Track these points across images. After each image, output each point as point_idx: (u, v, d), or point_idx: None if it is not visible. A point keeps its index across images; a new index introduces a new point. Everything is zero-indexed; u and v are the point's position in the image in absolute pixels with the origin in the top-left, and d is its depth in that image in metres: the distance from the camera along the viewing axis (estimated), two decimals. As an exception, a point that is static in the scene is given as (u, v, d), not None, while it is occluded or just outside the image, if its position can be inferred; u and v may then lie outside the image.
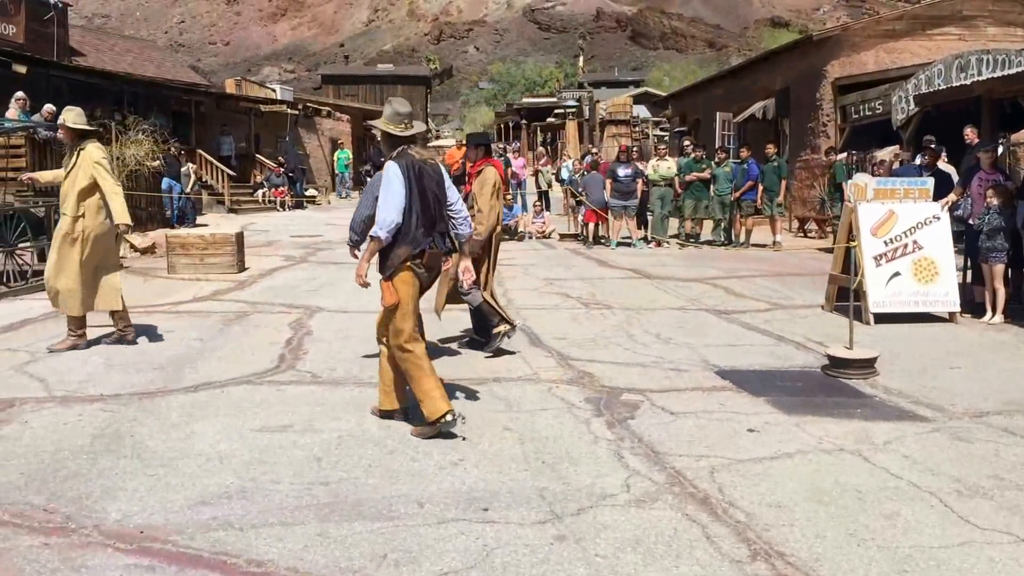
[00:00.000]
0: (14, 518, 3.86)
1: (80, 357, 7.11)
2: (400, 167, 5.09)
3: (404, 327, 5.13)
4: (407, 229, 5.06)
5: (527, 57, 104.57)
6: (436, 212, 5.22)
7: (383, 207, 5.03)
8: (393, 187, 5.03)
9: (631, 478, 4.36)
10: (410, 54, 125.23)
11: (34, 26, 26.87)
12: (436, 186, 5.22)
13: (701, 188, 16.38)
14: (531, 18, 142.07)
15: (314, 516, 3.90)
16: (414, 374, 5.09)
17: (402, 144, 5.24)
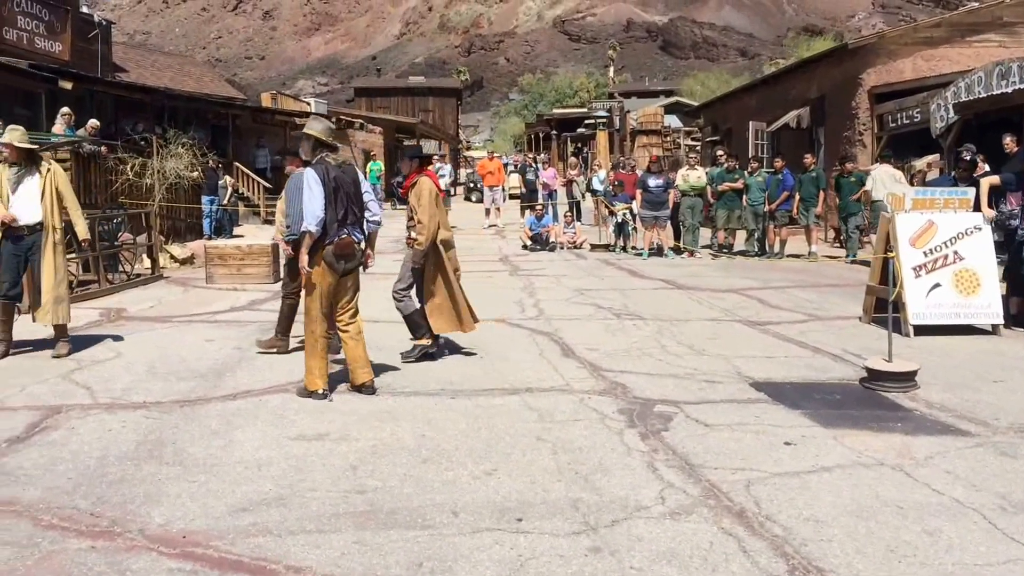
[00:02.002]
0: (62, 521, 3.95)
1: (123, 365, 7.25)
2: (318, 172, 6.09)
3: (311, 308, 6.19)
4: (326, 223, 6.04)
5: (557, 68, 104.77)
6: (347, 208, 6.16)
7: (307, 206, 6.02)
8: (314, 190, 6.02)
9: (665, 490, 4.36)
10: (441, 66, 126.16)
11: (79, 43, 27.39)
12: (350, 186, 6.23)
13: (734, 198, 16.33)
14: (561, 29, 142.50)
15: (351, 524, 3.94)
16: (307, 350, 6.21)
17: (325, 151, 6.25)
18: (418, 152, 7.97)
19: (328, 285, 6.17)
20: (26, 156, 7.61)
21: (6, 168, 7.51)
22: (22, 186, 7.49)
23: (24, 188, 7.50)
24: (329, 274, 6.14)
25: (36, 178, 7.57)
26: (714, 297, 11.04)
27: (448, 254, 7.54)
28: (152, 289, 12.38)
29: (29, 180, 7.53)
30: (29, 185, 7.52)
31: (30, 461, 4.80)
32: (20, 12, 25.12)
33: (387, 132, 38.02)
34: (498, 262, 15.52)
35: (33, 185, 7.53)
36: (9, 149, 7.51)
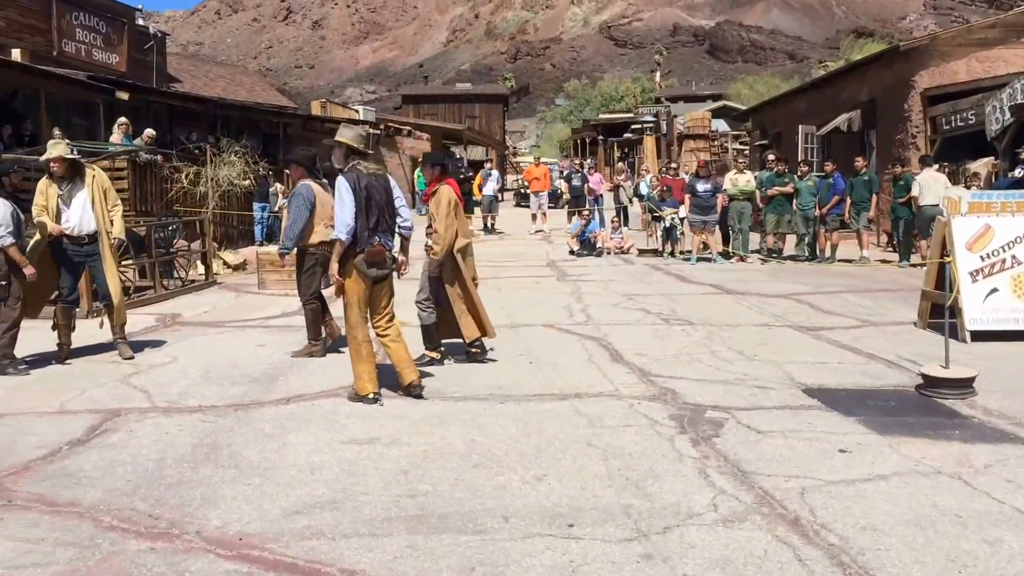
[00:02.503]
0: (122, 523, 4.04)
1: (179, 369, 7.41)
2: (349, 180, 6.12)
3: (349, 315, 6.25)
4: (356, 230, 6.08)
5: (603, 73, 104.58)
6: (379, 216, 6.19)
7: (339, 215, 6.09)
8: (345, 199, 6.06)
9: (718, 497, 4.32)
10: (487, 72, 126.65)
11: (135, 55, 28.03)
12: (381, 194, 6.24)
13: (783, 202, 16.15)
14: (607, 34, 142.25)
15: (403, 528, 3.97)
16: (352, 356, 6.25)
17: (358, 159, 6.28)
18: (440, 160, 7.95)
19: (362, 292, 6.23)
20: (72, 168, 7.78)
21: (53, 185, 7.69)
22: (74, 199, 7.69)
23: (76, 200, 7.69)
24: (362, 281, 6.20)
25: (84, 188, 7.75)
26: (764, 302, 10.92)
27: (466, 262, 7.57)
28: (206, 295, 12.59)
29: (79, 191, 7.72)
30: (80, 196, 7.71)
31: (90, 463, 4.92)
32: (79, 25, 25.76)
33: (434, 139, 38.25)
34: (545, 267, 15.52)
35: (83, 195, 7.72)
36: (59, 163, 7.68)
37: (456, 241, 7.37)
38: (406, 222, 6.52)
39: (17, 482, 4.63)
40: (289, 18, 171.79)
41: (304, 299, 8.15)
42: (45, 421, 5.84)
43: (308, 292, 8.12)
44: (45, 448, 5.21)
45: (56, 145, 7.89)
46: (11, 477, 4.71)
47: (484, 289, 12.43)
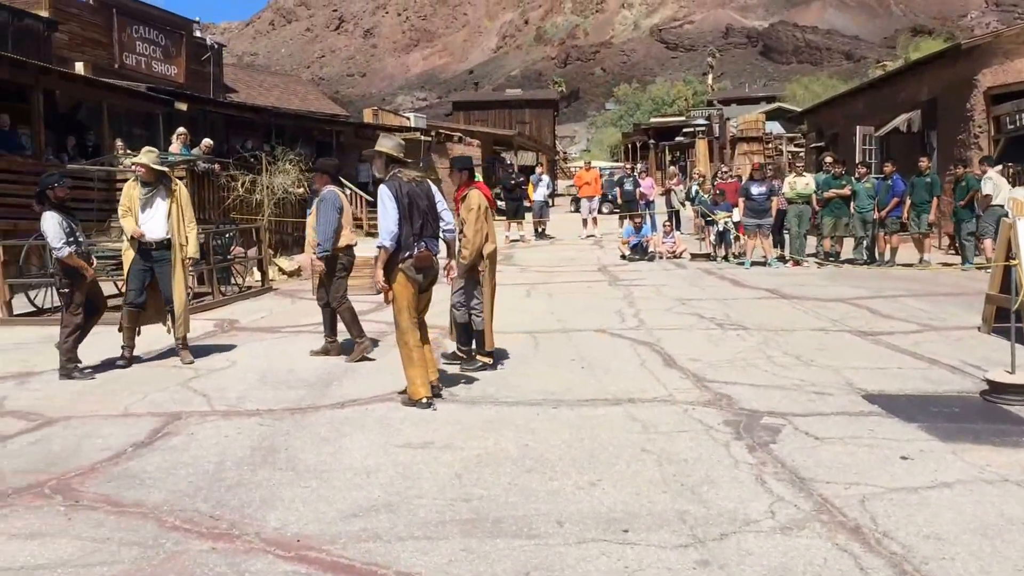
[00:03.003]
0: (184, 523, 4.12)
1: (237, 374, 7.55)
2: (391, 188, 6.22)
3: (400, 321, 6.29)
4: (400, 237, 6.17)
5: (654, 77, 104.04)
6: (423, 222, 6.29)
7: (382, 223, 6.15)
8: (387, 206, 6.15)
9: (775, 504, 4.26)
10: (537, 78, 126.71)
11: (193, 66, 28.67)
12: (423, 200, 6.35)
13: (841, 205, 15.90)
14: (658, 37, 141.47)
15: (457, 531, 3.99)
16: (404, 361, 6.30)
17: (398, 167, 6.39)
18: (467, 164, 8.00)
19: (411, 297, 6.30)
20: (157, 176, 8.02)
21: (138, 186, 7.93)
22: (152, 205, 7.92)
23: (154, 207, 7.93)
24: (410, 286, 6.29)
25: (165, 197, 7.98)
26: (821, 307, 10.76)
27: (491, 268, 7.63)
28: (262, 301, 12.79)
29: (159, 199, 7.96)
30: (159, 204, 7.95)
31: (153, 465, 5.02)
32: (139, 38, 26.39)
33: (485, 145, 38.37)
34: (597, 272, 15.48)
35: (162, 204, 7.97)
36: (144, 169, 7.95)
37: (485, 245, 7.43)
38: (449, 226, 6.64)
39: (84, 483, 4.75)
40: (341, 27, 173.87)
41: (337, 303, 8.31)
42: (109, 424, 5.98)
43: (339, 295, 8.32)
44: (110, 450, 5.34)
45: (147, 153, 8.17)
46: (78, 478, 4.83)
47: (536, 294, 12.50)
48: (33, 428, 5.93)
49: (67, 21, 23.62)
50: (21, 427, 5.96)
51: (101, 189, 14.24)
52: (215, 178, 16.15)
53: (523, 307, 11.34)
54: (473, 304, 7.48)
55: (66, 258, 7.40)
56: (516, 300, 11.98)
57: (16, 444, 5.56)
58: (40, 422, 6.07)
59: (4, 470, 5.02)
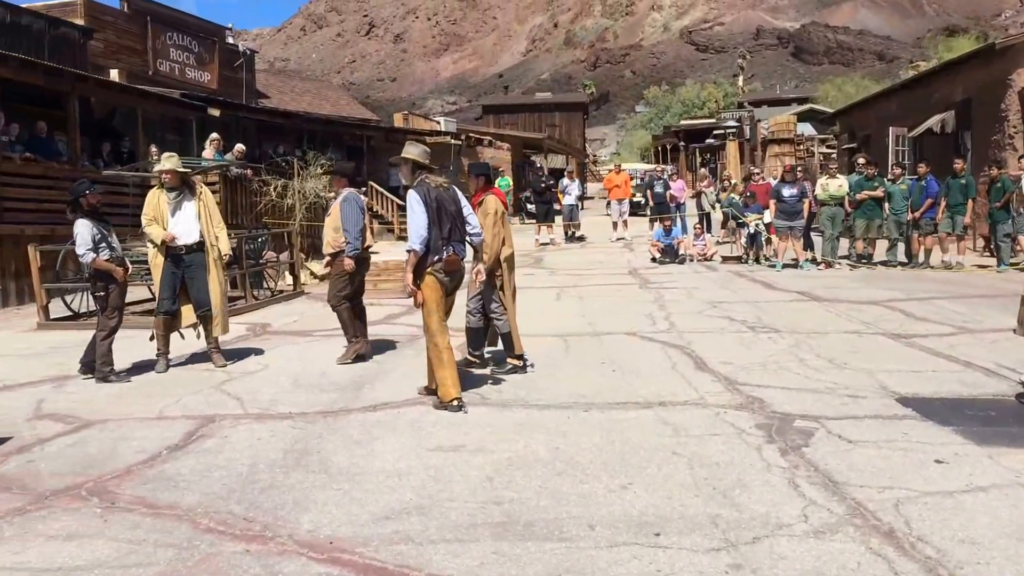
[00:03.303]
0: (218, 525, 4.17)
1: (270, 377, 7.62)
2: (419, 193, 6.34)
3: (430, 323, 6.37)
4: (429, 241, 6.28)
5: (684, 79, 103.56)
6: (451, 226, 6.39)
7: (412, 227, 6.28)
8: (416, 210, 6.27)
9: (808, 508, 4.24)
10: (567, 81, 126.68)
11: (226, 72, 29.00)
12: (451, 205, 6.44)
13: (873, 207, 15.75)
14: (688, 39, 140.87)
15: (488, 534, 4.00)
16: (435, 363, 6.36)
17: (425, 173, 6.49)
18: (484, 169, 8.11)
19: (440, 299, 6.42)
20: (182, 180, 8.13)
21: (165, 192, 8.03)
22: (181, 210, 8.01)
23: (183, 210, 8.02)
24: (439, 289, 6.41)
25: (193, 200, 8.09)
26: (854, 309, 10.66)
27: (509, 275, 7.68)
28: (294, 304, 12.89)
29: (187, 203, 8.05)
30: (187, 207, 8.04)
31: (188, 468, 5.09)
32: (173, 45, 26.73)
33: (515, 148, 38.42)
34: (627, 275, 15.44)
35: (191, 207, 8.05)
36: (170, 175, 8.03)
37: (502, 250, 7.48)
38: (475, 230, 6.72)
39: (120, 485, 4.82)
40: (371, 32, 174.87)
41: (335, 302, 8.39)
42: (144, 427, 6.07)
43: (340, 295, 8.38)
44: (145, 453, 5.41)
45: (169, 159, 8.26)
46: (114, 480, 4.90)
47: (566, 297, 12.49)
48: (70, 431, 6.02)
49: (102, 29, 23.99)
50: (58, 430, 6.06)
51: (136, 195, 14.40)
52: (247, 183, 16.32)
53: (553, 310, 11.35)
54: (493, 308, 7.48)
55: (92, 263, 7.53)
56: (546, 303, 12.00)
57: (54, 447, 5.65)
58: (77, 425, 6.16)
59: (42, 472, 5.11)
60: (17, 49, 18.23)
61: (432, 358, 6.41)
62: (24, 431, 6.03)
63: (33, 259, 11.32)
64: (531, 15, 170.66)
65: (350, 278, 8.36)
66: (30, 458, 5.41)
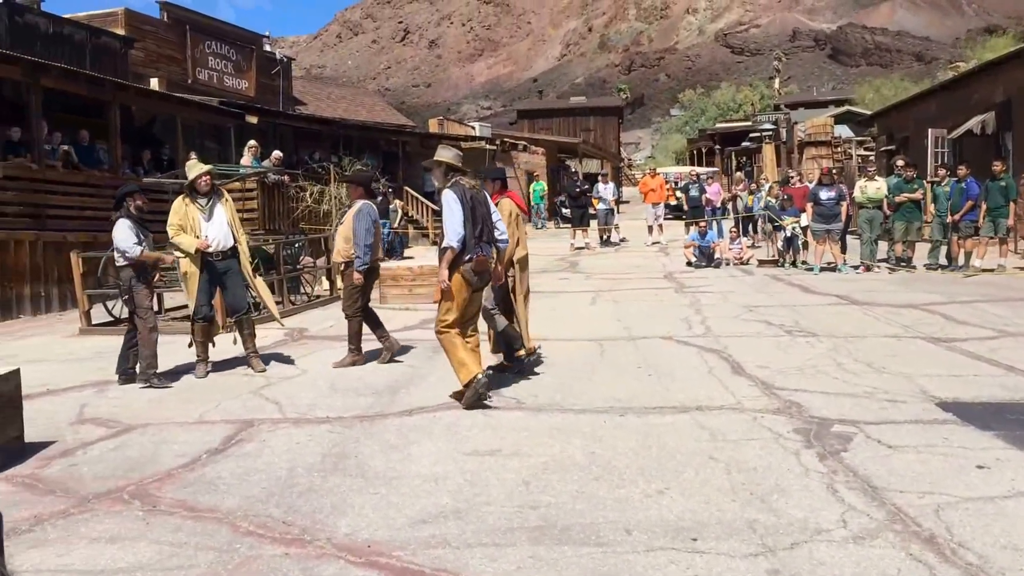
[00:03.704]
0: (258, 528, 4.22)
1: (308, 381, 7.70)
2: (456, 193, 6.48)
3: (448, 318, 6.52)
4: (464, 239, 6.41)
5: (719, 82, 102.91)
6: (482, 227, 6.53)
7: (449, 225, 6.39)
8: (454, 209, 6.39)
9: (847, 513, 4.20)
10: (601, 85, 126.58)
11: (263, 80, 29.34)
12: (482, 207, 6.60)
13: (912, 209, 15.56)
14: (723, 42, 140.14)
15: (525, 538, 4.00)
16: (449, 349, 6.53)
17: (458, 175, 6.63)
18: (500, 174, 8.31)
19: (464, 298, 6.54)
20: (213, 186, 8.23)
21: (192, 202, 8.09)
22: (214, 216, 8.09)
23: (216, 216, 8.10)
24: (467, 288, 6.53)
25: (222, 206, 8.17)
26: (893, 313, 10.54)
27: (522, 274, 7.75)
28: (331, 309, 12.98)
29: (218, 208, 8.13)
30: (219, 213, 8.13)
31: (227, 471, 5.15)
32: (211, 54, 27.09)
33: (549, 153, 38.47)
34: (663, 279, 15.38)
35: (221, 213, 8.14)
36: (208, 179, 8.13)
37: (516, 251, 7.59)
38: (503, 234, 6.89)
39: (161, 488, 4.89)
40: (407, 39, 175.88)
41: (351, 312, 8.51)
42: (185, 431, 6.15)
43: (356, 306, 8.52)
44: (185, 457, 5.49)
45: (195, 165, 8.35)
46: (155, 484, 4.98)
47: (601, 301, 12.47)
48: (112, 435, 6.12)
49: (143, 38, 24.37)
50: (101, 434, 6.16)
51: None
52: (285, 189, 16.47)
53: (589, 314, 11.34)
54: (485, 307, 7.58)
55: (140, 256, 7.62)
56: (581, 307, 11.99)
57: (96, 450, 5.75)
58: (119, 429, 6.26)
59: (85, 476, 5.20)
60: (59, 59, 18.58)
61: (446, 347, 6.57)
62: (67, 435, 6.14)
63: (76, 265, 11.52)
64: (565, 19, 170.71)
65: (362, 289, 8.48)
66: (73, 462, 5.50)
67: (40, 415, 6.55)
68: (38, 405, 6.90)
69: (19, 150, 14.47)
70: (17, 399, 5.76)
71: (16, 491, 4.92)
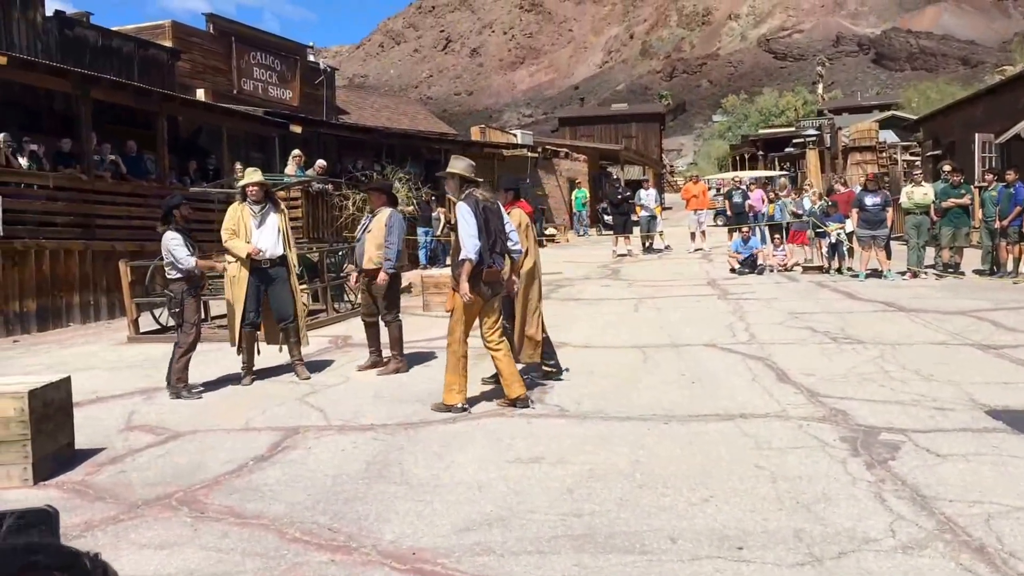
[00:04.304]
0: (304, 535, 4.26)
1: (351, 389, 7.76)
2: (470, 205, 6.57)
3: (455, 329, 6.67)
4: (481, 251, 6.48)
5: (762, 88, 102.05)
6: (495, 239, 6.62)
7: (465, 237, 6.48)
8: (469, 221, 6.50)
9: (896, 522, 4.14)
10: (643, 92, 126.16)
11: (307, 90, 29.66)
12: (495, 219, 6.68)
13: (960, 215, 15.30)
14: (766, 48, 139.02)
15: (569, 546, 4.00)
16: (450, 367, 6.66)
17: (471, 187, 6.72)
18: (513, 184, 8.30)
19: (475, 309, 6.67)
20: (266, 194, 8.35)
21: (247, 208, 8.22)
22: (265, 223, 8.20)
23: (267, 224, 8.22)
24: (478, 299, 6.63)
25: (276, 215, 8.28)
26: (941, 319, 10.36)
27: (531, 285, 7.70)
28: (373, 317, 13.06)
29: (271, 217, 8.25)
30: (271, 221, 8.24)
31: (273, 478, 5.21)
32: (256, 64, 27.46)
33: (591, 160, 38.41)
34: (706, 286, 15.27)
35: (274, 221, 8.25)
36: (258, 189, 8.25)
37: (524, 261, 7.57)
38: (516, 245, 6.95)
39: (209, 495, 4.96)
40: (448, 47, 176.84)
41: (391, 318, 8.62)
42: (232, 438, 6.23)
43: (396, 311, 8.69)
44: (232, 463, 5.56)
45: (253, 172, 8.51)
46: (203, 490, 5.05)
47: (644, 309, 12.42)
48: (160, 442, 6.22)
49: (189, 50, 24.76)
50: (149, 441, 6.26)
51: (220, 211, 14.85)
52: (328, 198, 16.65)
53: (631, 321, 11.30)
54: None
55: (195, 266, 7.73)
56: (624, 315, 11.95)
57: (145, 457, 5.85)
58: (166, 436, 6.36)
59: (134, 482, 5.29)
60: (108, 71, 18.95)
61: (448, 362, 6.70)
62: (116, 442, 6.25)
63: (124, 274, 11.73)
64: (607, 27, 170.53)
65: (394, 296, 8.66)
66: (122, 468, 5.60)
67: (89, 422, 6.67)
68: (88, 412, 7.03)
69: (69, 161, 14.78)
70: (68, 406, 5.88)
71: (68, 497, 5.02)
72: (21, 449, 5.28)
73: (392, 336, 8.61)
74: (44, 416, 5.49)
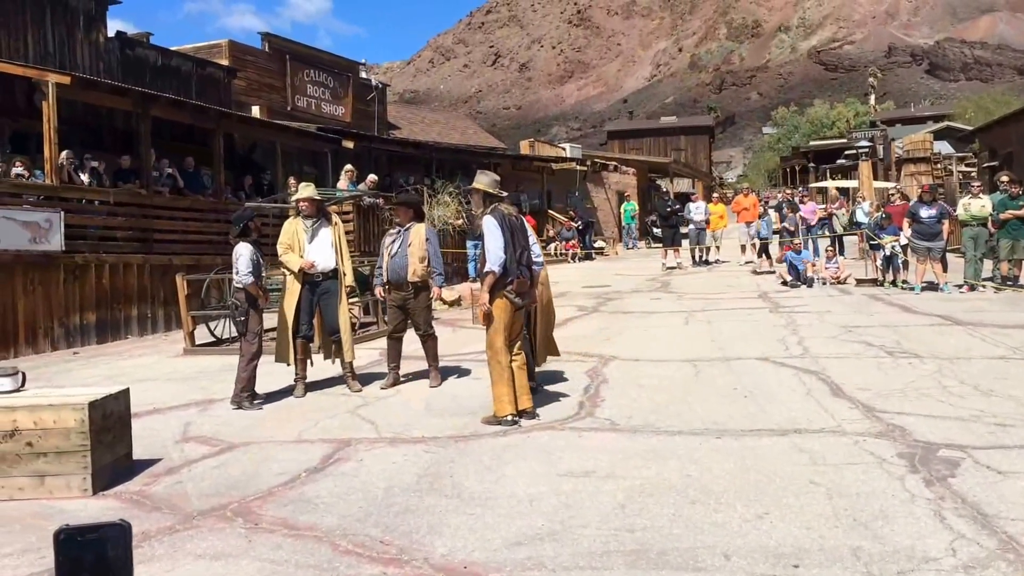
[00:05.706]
0: (356, 547, 4.28)
1: (402, 401, 7.81)
2: (496, 218, 6.77)
3: (495, 341, 6.77)
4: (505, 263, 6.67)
5: (812, 100, 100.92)
6: (521, 251, 6.80)
7: (490, 250, 6.65)
8: (495, 234, 6.66)
9: (956, 541, 4.04)
10: (692, 104, 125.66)
11: (359, 106, 30.07)
12: (520, 232, 6.88)
13: (1019, 226, 14.93)
14: (817, 59, 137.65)
15: (621, 562, 3.97)
16: (494, 376, 6.75)
17: (495, 202, 6.93)
18: (515, 200, 8.35)
19: (508, 319, 6.81)
20: (318, 209, 8.45)
21: (300, 222, 8.35)
22: (318, 237, 8.32)
23: (320, 238, 8.33)
24: (511, 309, 6.81)
25: (328, 229, 8.39)
26: (1000, 333, 10.12)
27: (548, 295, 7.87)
28: (423, 331, 13.13)
29: (323, 231, 8.36)
30: (324, 234, 8.36)
31: (326, 490, 5.25)
32: (310, 81, 27.90)
33: (640, 173, 38.29)
34: (757, 298, 15.10)
35: (327, 235, 8.36)
36: (308, 203, 8.36)
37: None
38: (539, 257, 7.22)
39: (262, 506, 5.01)
40: (497, 62, 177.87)
41: (430, 331, 8.71)
42: (284, 450, 6.30)
43: (432, 324, 8.79)
44: (285, 475, 5.62)
45: (306, 187, 8.64)
46: (256, 502, 5.11)
47: (694, 322, 12.31)
48: (215, 453, 6.31)
49: (244, 68, 25.24)
50: (204, 452, 6.36)
51: (276, 225, 15.06)
52: (379, 212, 16.80)
53: (682, 334, 11.21)
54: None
55: (249, 285, 7.85)
56: (675, 328, 11.86)
57: (200, 468, 5.93)
58: (221, 447, 6.45)
59: (189, 493, 5.36)
60: (168, 89, 19.41)
61: (492, 374, 6.79)
62: (172, 453, 6.35)
63: (181, 288, 11.95)
64: (655, 40, 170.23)
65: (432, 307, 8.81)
66: (178, 479, 5.69)
67: (147, 433, 6.78)
68: (145, 423, 7.15)
69: (129, 177, 15.13)
70: (127, 417, 6.00)
71: (125, 507, 5.11)
72: (81, 459, 5.39)
73: (433, 350, 8.70)
74: (103, 427, 5.61)
